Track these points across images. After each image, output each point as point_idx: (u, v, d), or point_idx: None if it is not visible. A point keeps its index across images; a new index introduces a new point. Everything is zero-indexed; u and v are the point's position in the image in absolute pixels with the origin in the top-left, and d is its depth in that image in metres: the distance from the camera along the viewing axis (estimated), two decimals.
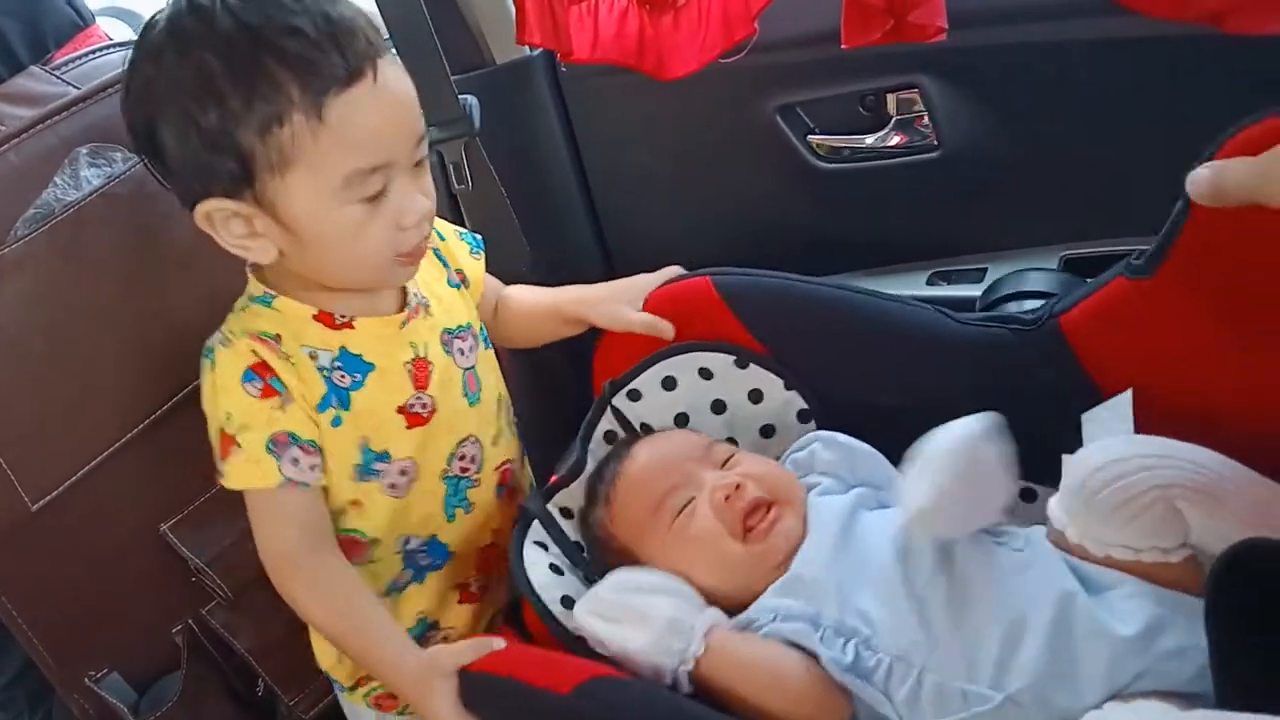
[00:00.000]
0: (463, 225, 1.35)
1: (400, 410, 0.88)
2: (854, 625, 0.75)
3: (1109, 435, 0.76)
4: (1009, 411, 0.88)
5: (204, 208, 0.78)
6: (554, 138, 1.37)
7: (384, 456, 0.88)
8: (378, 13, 1.15)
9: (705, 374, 0.98)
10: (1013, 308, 1.10)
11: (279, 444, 0.83)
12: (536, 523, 0.90)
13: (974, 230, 1.25)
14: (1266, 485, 0.70)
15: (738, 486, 0.84)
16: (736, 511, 0.83)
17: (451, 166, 1.21)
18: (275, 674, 1.03)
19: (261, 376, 0.82)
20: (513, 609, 0.90)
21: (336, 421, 0.85)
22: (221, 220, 0.79)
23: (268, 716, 1.07)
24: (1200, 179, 0.68)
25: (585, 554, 0.92)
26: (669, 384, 0.99)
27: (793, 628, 0.76)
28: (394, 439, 0.88)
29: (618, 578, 0.83)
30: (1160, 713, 0.64)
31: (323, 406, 0.85)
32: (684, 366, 0.98)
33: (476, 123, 1.20)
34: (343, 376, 0.86)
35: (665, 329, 0.98)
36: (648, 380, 0.99)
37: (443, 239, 1.00)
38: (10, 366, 0.86)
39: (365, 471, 0.88)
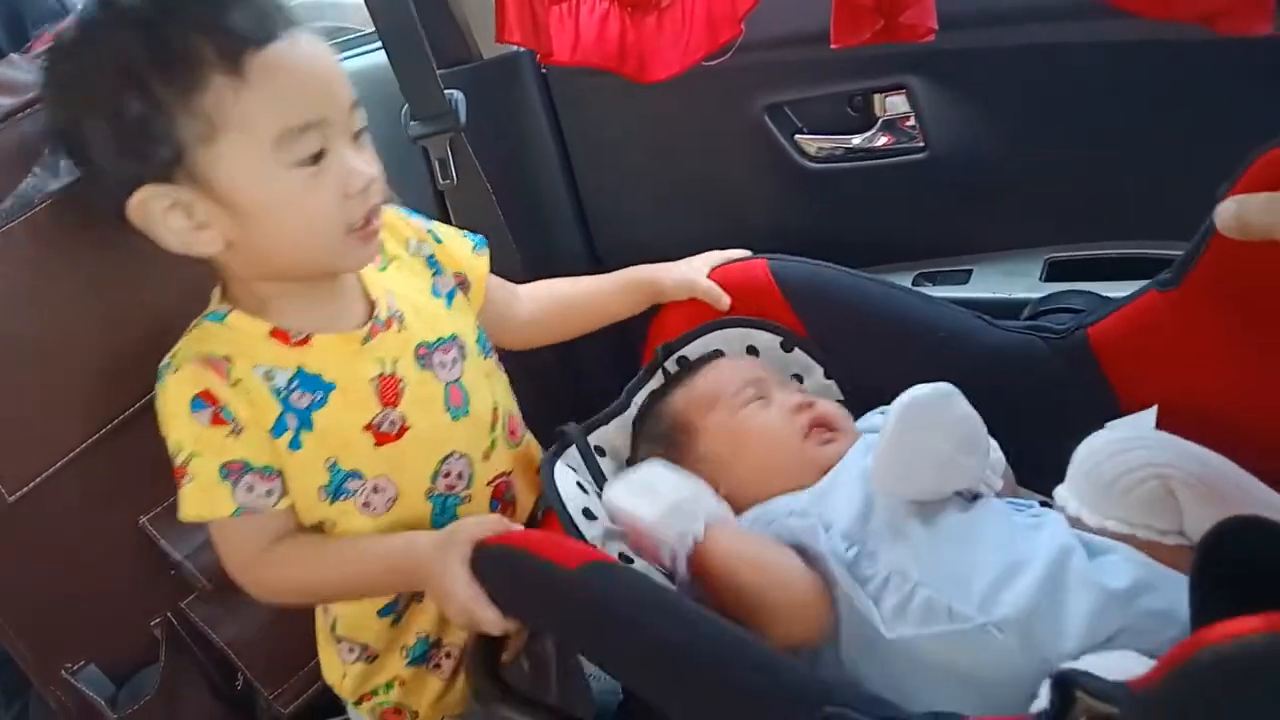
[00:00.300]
0: (447, 221, 1.35)
1: (367, 428, 0.86)
2: (863, 535, 0.78)
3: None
4: (1032, 420, 0.90)
5: (138, 196, 0.76)
6: (541, 134, 1.36)
7: (355, 474, 0.86)
8: (363, 4, 1.15)
9: (752, 352, 1.02)
10: (1055, 321, 1.11)
11: (232, 471, 0.81)
12: (573, 448, 0.93)
13: (960, 231, 1.25)
14: (1268, 492, 0.71)
15: (811, 405, 0.92)
16: (803, 419, 0.90)
17: (437, 162, 1.21)
18: (255, 668, 1.02)
19: (209, 404, 0.81)
20: (531, 524, 0.92)
21: (295, 444, 0.83)
22: (160, 213, 0.77)
23: (247, 710, 1.06)
24: (1225, 213, 0.69)
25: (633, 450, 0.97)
26: (716, 356, 1.01)
27: (803, 524, 0.79)
28: (363, 458, 0.86)
29: (651, 466, 0.86)
30: (1135, 661, 0.65)
31: (278, 431, 0.83)
32: (733, 341, 1.02)
33: (462, 118, 1.19)
34: (301, 396, 0.84)
35: (723, 299, 1.01)
36: (697, 349, 1.02)
37: (439, 241, 0.98)
38: None
39: (336, 491, 0.86)
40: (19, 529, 0.89)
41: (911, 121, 1.19)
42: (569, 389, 1.37)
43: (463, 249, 1.00)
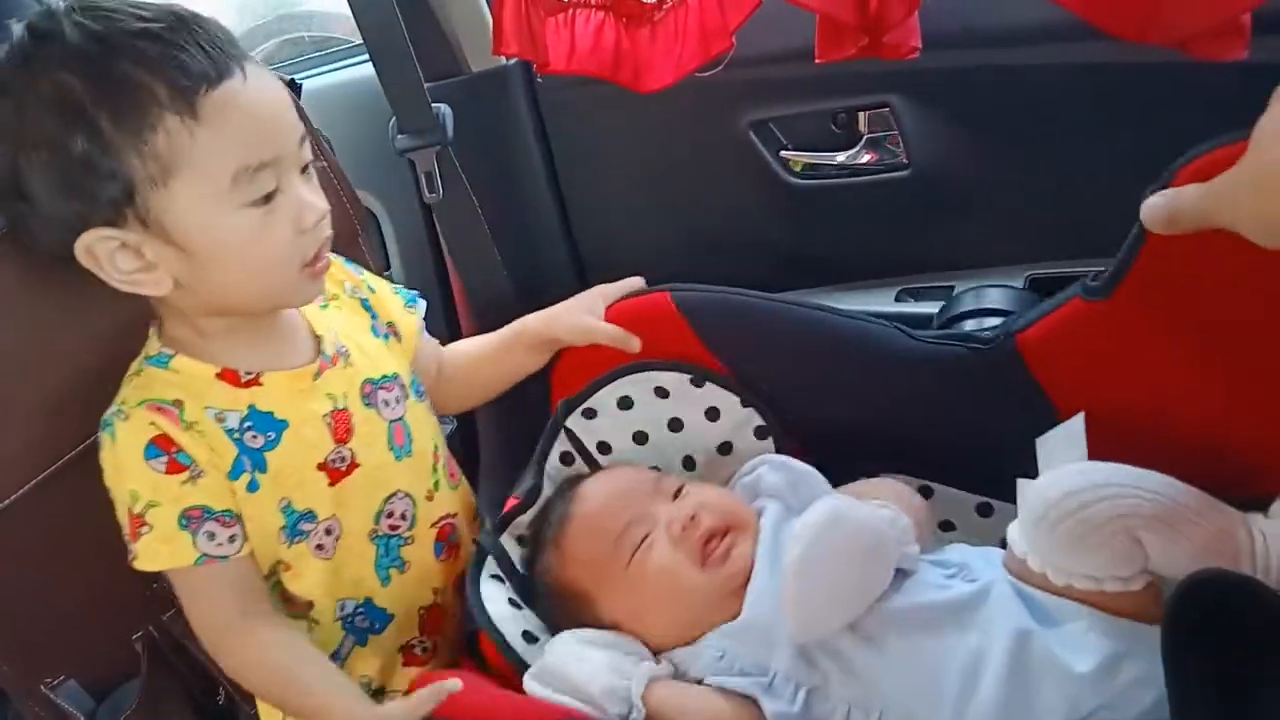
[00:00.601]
0: (435, 236, 1.35)
1: (321, 466, 0.84)
2: (805, 671, 0.75)
3: (1063, 460, 0.76)
4: (966, 427, 0.89)
5: (85, 240, 0.73)
6: (528, 148, 1.37)
7: (309, 516, 0.85)
8: (351, 16, 1.15)
9: (661, 393, 0.99)
10: (971, 325, 1.12)
11: (192, 518, 0.79)
12: (490, 559, 0.89)
13: (942, 248, 1.26)
14: (1221, 510, 0.71)
15: (693, 516, 0.84)
16: (694, 540, 0.83)
17: (424, 175, 1.21)
18: (236, 683, 1.01)
19: (165, 450, 0.78)
20: (470, 639, 0.89)
21: (253, 486, 0.81)
22: (107, 255, 0.74)
23: None
24: (1154, 206, 0.70)
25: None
26: (625, 403, 0.99)
27: (738, 682, 0.76)
28: (317, 497, 0.85)
29: (556, 646, 0.82)
30: None
31: (235, 473, 0.81)
32: (639, 385, 0.98)
33: (450, 131, 1.19)
34: (254, 437, 0.82)
35: (632, 342, 0.97)
36: (603, 399, 0.99)
37: (373, 290, 0.97)
38: None
39: (292, 533, 0.84)
40: (1, 542, 0.88)
41: (896, 139, 1.20)
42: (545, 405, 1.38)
43: (394, 303, 0.99)
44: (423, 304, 1.02)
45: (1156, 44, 0.86)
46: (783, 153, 1.27)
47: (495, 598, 0.86)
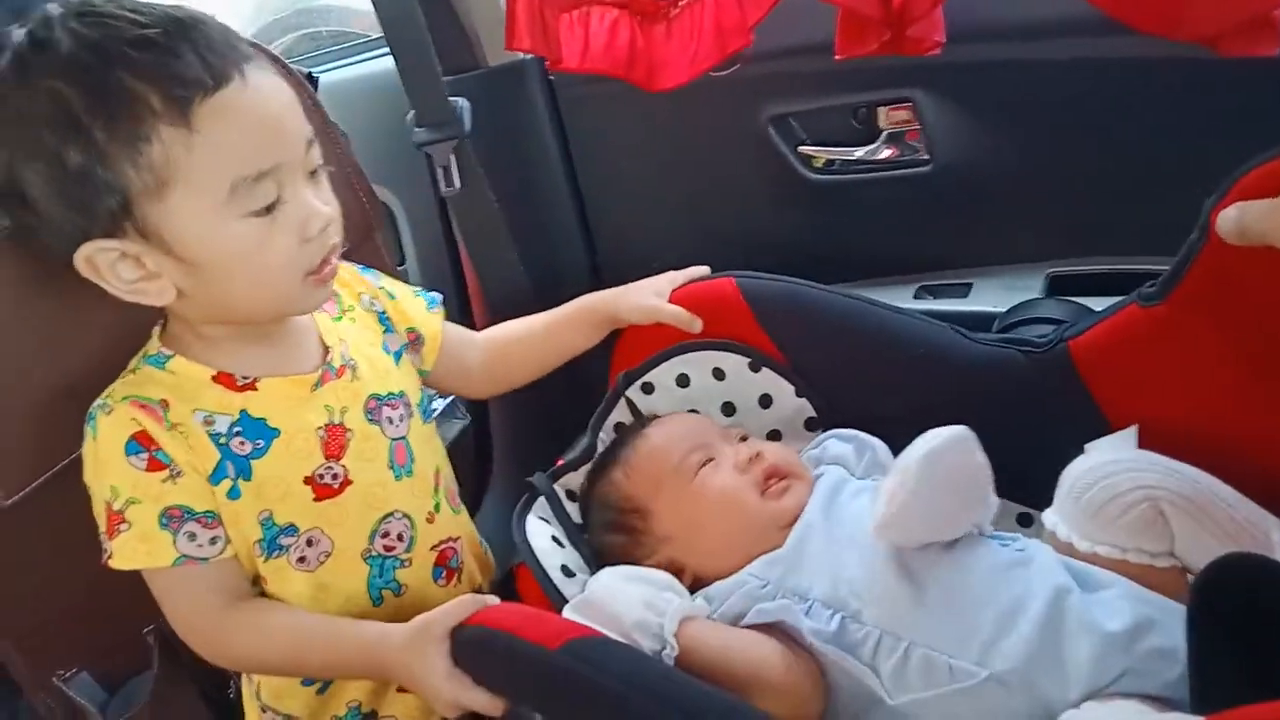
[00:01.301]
0: (450, 231, 1.35)
1: (307, 481, 0.83)
2: (844, 598, 0.77)
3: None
4: (1013, 432, 0.88)
5: (84, 252, 0.72)
6: (545, 142, 1.36)
7: (290, 530, 0.83)
8: (369, 10, 1.15)
9: (718, 374, 1.00)
10: (1027, 332, 1.10)
11: (173, 518, 0.77)
12: (542, 499, 0.91)
13: (962, 245, 1.25)
14: (1254, 508, 0.71)
15: (756, 455, 0.88)
16: (756, 473, 0.87)
17: (441, 169, 1.21)
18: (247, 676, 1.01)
19: (145, 447, 0.77)
20: (505, 580, 0.90)
21: (234, 493, 0.80)
22: (108, 265, 0.73)
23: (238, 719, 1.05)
24: (1226, 219, 0.70)
25: (585, 533, 0.92)
26: (682, 381, 1.00)
27: (778, 605, 0.78)
28: (299, 512, 0.83)
29: (597, 581, 0.82)
30: (1136, 713, 0.65)
31: (216, 478, 0.79)
32: (698, 364, 1.00)
33: (467, 125, 1.19)
34: (242, 443, 0.80)
35: (695, 323, 0.98)
36: (662, 374, 1.00)
37: (393, 298, 0.96)
38: None
39: (270, 546, 0.82)
40: (14, 534, 0.88)
41: (916, 134, 1.19)
42: (543, 418, 1.37)
43: (416, 307, 0.98)
44: (442, 307, 1.01)
45: (1186, 40, 0.85)
46: (802, 148, 1.26)
47: (539, 533, 0.87)
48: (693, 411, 1.01)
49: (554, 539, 0.89)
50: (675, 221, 1.39)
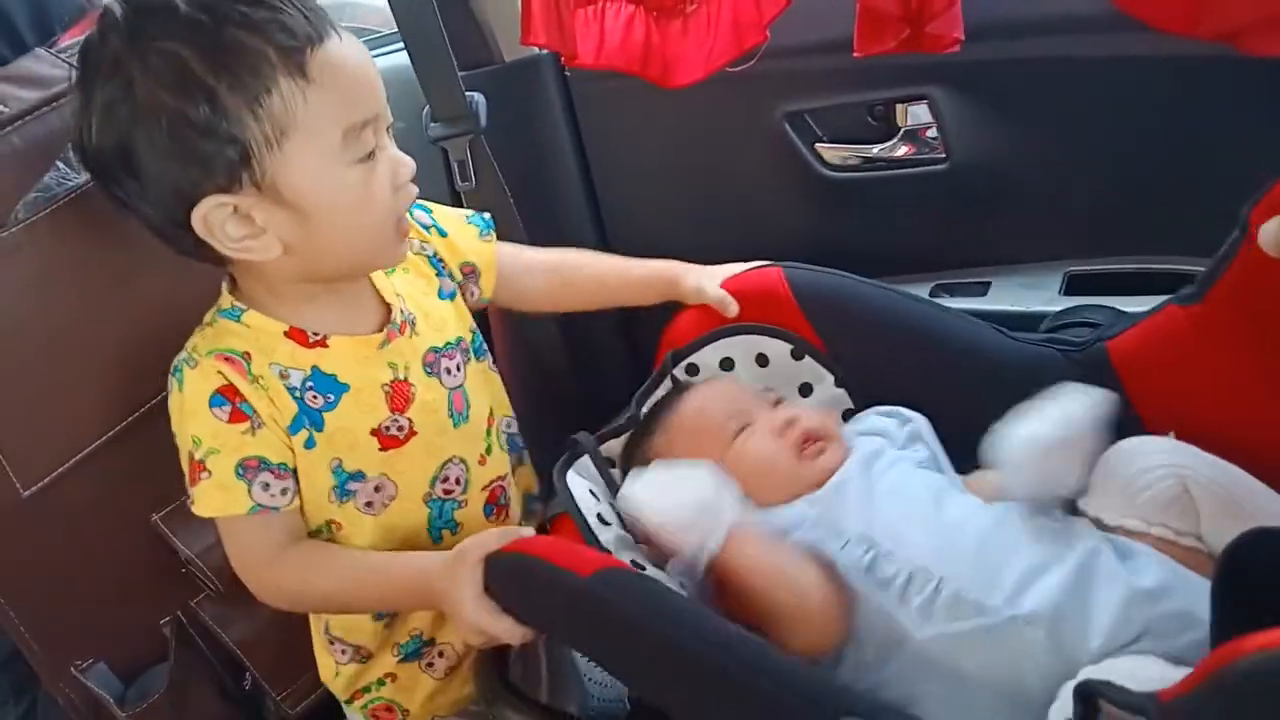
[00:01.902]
0: None
1: (374, 433, 0.86)
2: (878, 537, 0.78)
3: None
4: None
5: (201, 210, 0.74)
6: (560, 138, 1.36)
7: (358, 476, 0.86)
8: (384, 6, 1.15)
9: (761, 360, 1.01)
10: (1075, 334, 1.10)
11: (249, 468, 0.81)
12: (585, 458, 0.92)
13: (979, 244, 1.25)
14: None
15: (792, 420, 0.90)
16: (791, 437, 0.89)
17: (456, 164, 1.21)
18: (263, 668, 1.02)
19: (230, 400, 0.80)
20: (540, 531, 0.91)
21: (310, 443, 0.83)
22: (219, 223, 0.75)
23: (254, 711, 1.06)
24: (1268, 232, 0.70)
25: None
26: (726, 364, 1.01)
27: (813, 535, 0.79)
28: (366, 460, 0.86)
29: (669, 466, 0.85)
30: (1156, 665, 0.65)
31: (295, 428, 0.82)
32: (743, 348, 1.01)
33: (483, 120, 1.19)
34: (315, 397, 0.83)
35: (730, 307, 0.99)
36: (707, 356, 1.01)
37: (444, 235, 0.98)
38: (6, 351, 0.85)
39: (341, 492, 0.86)
40: (32, 524, 0.88)
41: (933, 132, 1.19)
42: (576, 393, 1.37)
43: (468, 237, 0.99)
44: (493, 231, 1.02)
45: (1205, 38, 0.84)
46: (818, 145, 1.26)
47: (578, 484, 0.88)
48: None
49: (591, 492, 0.90)
50: (690, 218, 1.39)
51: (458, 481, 0.92)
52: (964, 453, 0.90)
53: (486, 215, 1.03)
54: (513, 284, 1.02)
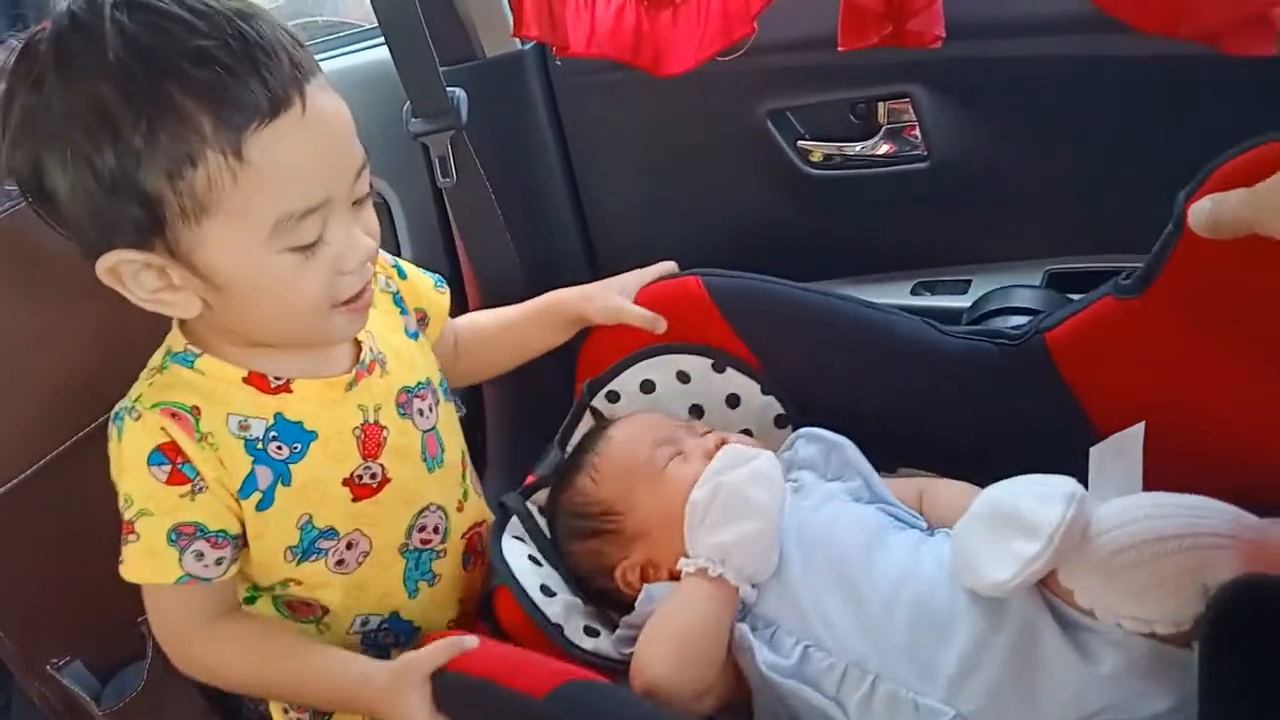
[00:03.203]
0: (446, 222, 1.34)
1: (345, 482, 0.80)
2: (810, 626, 0.76)
3: (1115, 476, 0.72)
4: (990, 424, 0.88)
5: (106, 262, 0.67)
6: (543, 134, 1.35)
7: (329, 534, 0.81)
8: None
9: (683, 377, 0.98)
10: (999, 323, 1.10)
11: (184, 535, 0.75)
12: (515, 519, 0.90)
13: (960, 242, 1.25)
14: (1267, 525, 0.67)
15: (722, 443, 0.87)
16: None
17: (437, 160, 1.20)
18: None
19: (170, 460, 0.73)
20: (484, 603, 0.88)
21: (265, 504, 0.77)
22: (130, 274, 0.69)
23: (232, 710, 1.05)
24: (1200, 211, 0.69)
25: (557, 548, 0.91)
26: (647, 387, 0.99)
27: (739, 629, 0.77)
28: (338, 514, 0.81)
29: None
30: None
31: (245, 492, 0.76)
32: (662, 368, 0.98)
33: (464, 116, 1.18)
34: (280, 448, 0.77)
35: (659, 324, 0.96)
36: (626, 381, 0.99)
37: (404, 277, 0.94)
38: None
39: (307, 551, 0.80)
40: (7, 522, 0.88)
41: (914, 130, 1.19)
42: (561, 390, 1.37)
43: (425, 285, 0.96)
44: (447, 288, 0.99)
45: (1185, 38, 0.85)
46: (800, 142, 1.26)
47: (516, 553, 0.86)
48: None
49: (531, 558, 0.88)
50: (672, 214, 1.39)
51: (435, 530, 0.87)
52: (897, 451, 0.90)
53: (440, 276, 0.99)
54: (444, 347, 0.98)
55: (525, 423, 1.20)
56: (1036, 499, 0.70)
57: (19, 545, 0.90)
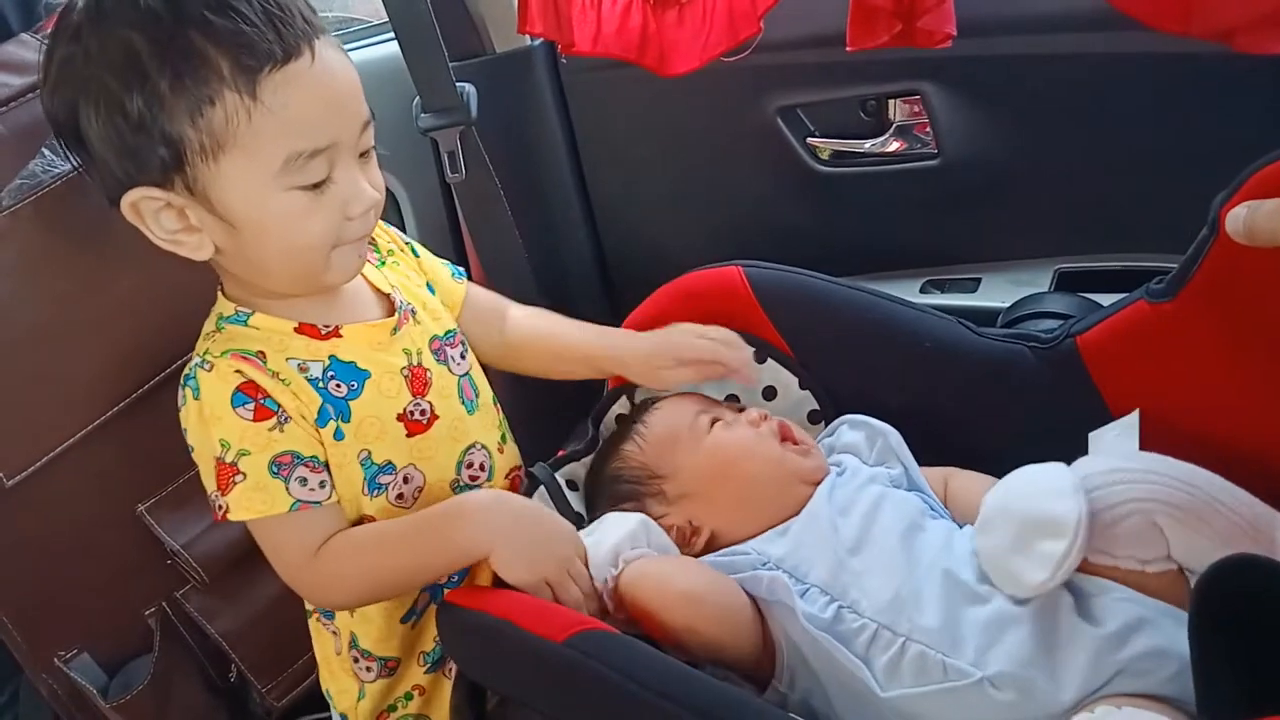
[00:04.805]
0: (455, 217, 1.34)
1: (400, 418, 0.84)
2: (844, 586, 0.77)
3: (1112, 453, 0.76)
4: (1018, 425, 0.89)
5: (130, 197, 0.73)
6: (552, 130, 1.36)
7: (388, 468, 0.84)
8: None
9: None
10: (1032, 326, 1.09)
11: (283, 465, 0.78)
12: (541, 489, 0.91)
13: (970, 240, 1.25)
14: (1257, 508, 0.70)
15: (764, 414, 0.89)
16: (770, 427, 0.88)
17: (446, 155, 1.20)
18: (248, 660, 1.01)
19: (252, 397, 0.77)
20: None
21: (339, 435, 0.80)
22: (151, 213, 0.74)
23: (239, 703, 1.06)
24: (1236, 218, 0.69)
25: (587, 518, 0.92)
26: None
27: (772, 576, 0.77)
28: (395, 449, 0.84)
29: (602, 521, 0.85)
30: (1148, 715, 0.64)
31: (322, 420, 0.80)
32: None
33: (473, 111, 1.18)
34: (338, 386, 0.81)
35: (705, 388, 0.97)
36: None
37: (417, 255, 0.96)
38: None
39: (372, 486, 0.83)
40: (16, 514, 0.88)
41: (925, 127, 1.19)
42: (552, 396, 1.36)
43: (441, 272, 0.97)
44: (465, 279, 0.99)
45: (1197, 37, 0.85)
46: (810, 139, 1.26)
47: None
48: None
49: None
50: (681, 211, 1.39)
51: (482, 467, 0.91)
52: (932, 449, 0.90)
53: (460, 269, 0.99)
54: (485, 323, 0.98)
55: (541, 410, 1.20)
56: (1047, 496, 0.73)
57: (28, 538, 0.90)
